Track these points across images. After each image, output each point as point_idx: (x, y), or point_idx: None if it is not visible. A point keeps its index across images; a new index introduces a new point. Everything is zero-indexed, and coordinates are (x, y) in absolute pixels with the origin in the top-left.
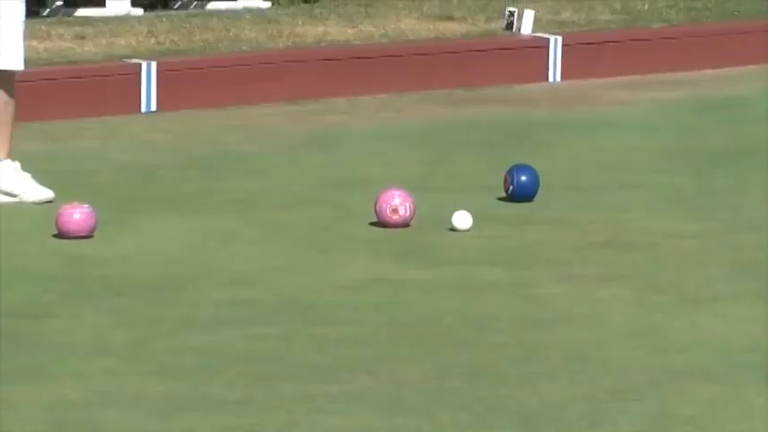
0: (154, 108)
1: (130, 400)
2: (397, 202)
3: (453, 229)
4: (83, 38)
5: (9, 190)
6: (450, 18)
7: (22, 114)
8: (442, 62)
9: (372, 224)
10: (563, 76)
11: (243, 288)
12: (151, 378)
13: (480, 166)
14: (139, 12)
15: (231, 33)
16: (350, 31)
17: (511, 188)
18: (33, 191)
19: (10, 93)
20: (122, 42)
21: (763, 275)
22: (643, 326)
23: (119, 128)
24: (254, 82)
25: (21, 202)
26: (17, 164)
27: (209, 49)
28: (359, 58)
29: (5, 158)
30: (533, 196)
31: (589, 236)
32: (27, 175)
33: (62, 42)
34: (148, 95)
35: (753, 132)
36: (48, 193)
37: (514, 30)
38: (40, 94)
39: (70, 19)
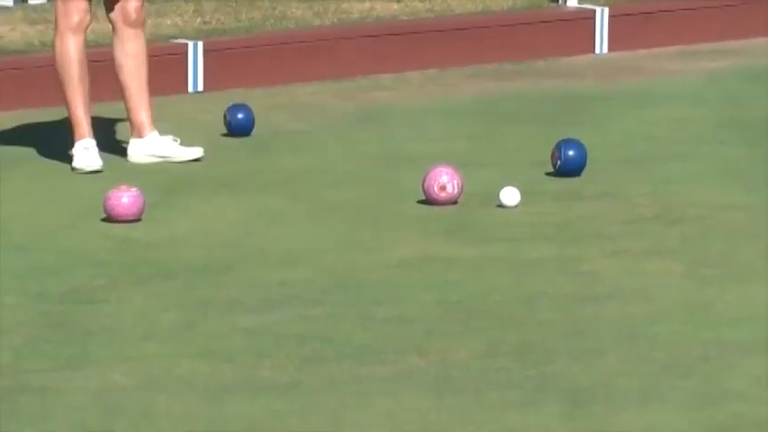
0: (201, 88)
1: (180, 384)
2: (445, 180)
3: (501, 206)
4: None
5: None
6: None
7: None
8: (489, 36)
9: (420, 202)
10: (610, 48)
11: (291, 268)
12: (201, 361)
13: (528, 140)
14: None
15: (277, 11)
16: (396, 6)
17: (559, 163)
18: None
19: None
20: (168, 22)
21: None
22: (693, 300)
23: (166, 108)
24: (301, 60)
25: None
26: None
27: (255, 27)
28: (405, 33)
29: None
30: (581, 170)
31: (638, 209)
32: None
33: (108, 24)
34: (195, 75)
35: None
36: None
37: (560, 1)
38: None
39: None
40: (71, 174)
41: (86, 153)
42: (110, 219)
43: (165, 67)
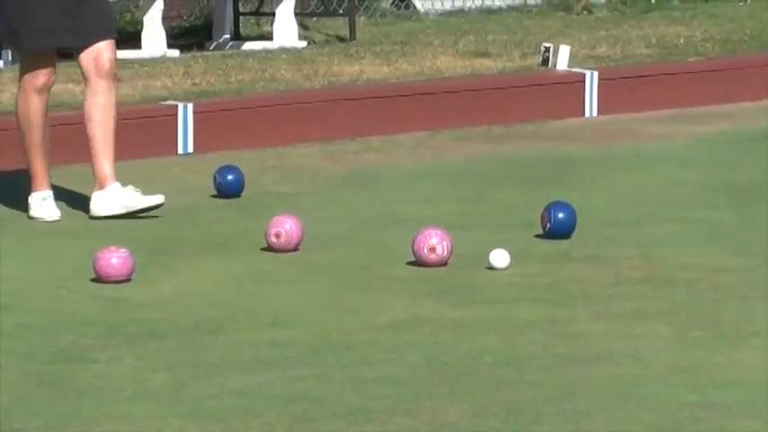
0: (191, 150)
1: None
2: (435, 241)
3: (491, 268)
4: (119, 80)
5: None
6: (486, 55)
7: (61, 157)
8: (479, 99)
9: (410, 263)
10: (600, 111)
11: (281, 329)
12: (190, 422)
13: (518, 203)
14: (175, 53)
15: (267, 74)
16: (385, 69)
17: (548, 225)
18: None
19: None
20: (158, 84)
21: None
22: (682, 362)
23: (156, 170)
24: (291, 122)
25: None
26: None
27: (245, 89)
28: (394, 96)
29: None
30: (571, 233)
31: (627, 272)
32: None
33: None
34: (185, 137)
35: None
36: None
37: (550, 65)
38: (77, 137)
39: None
40: (60, 234)
41: (45, 204)
42: (99, 279)
43: (155, 129)
